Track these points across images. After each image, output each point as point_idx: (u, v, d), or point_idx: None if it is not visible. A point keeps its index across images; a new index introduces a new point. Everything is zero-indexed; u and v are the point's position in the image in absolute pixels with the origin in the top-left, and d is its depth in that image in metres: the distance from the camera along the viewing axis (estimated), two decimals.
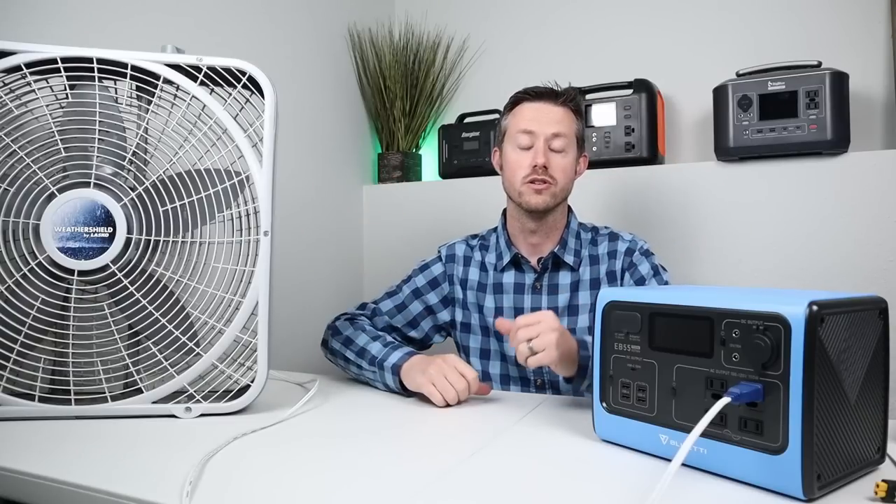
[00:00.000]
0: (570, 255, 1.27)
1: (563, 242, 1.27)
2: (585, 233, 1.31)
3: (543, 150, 1.20)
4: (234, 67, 0.96)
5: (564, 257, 1.26)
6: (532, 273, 1.28)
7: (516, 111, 1.25)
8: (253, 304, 0.93)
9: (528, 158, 1.21)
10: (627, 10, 1.87)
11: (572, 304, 1.25)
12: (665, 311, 0.71)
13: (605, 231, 1.31)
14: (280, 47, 1.69)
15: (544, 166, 1.20)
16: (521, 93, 1.26)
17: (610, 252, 1.27)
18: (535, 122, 1.22)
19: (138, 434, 0.84)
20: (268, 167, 0.95)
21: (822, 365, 0.60)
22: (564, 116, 1.23)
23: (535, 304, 1.27)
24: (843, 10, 1.62)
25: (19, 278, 0.89)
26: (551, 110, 1.22)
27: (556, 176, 1.21)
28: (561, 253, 1.26)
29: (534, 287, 1.28)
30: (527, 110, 1.24)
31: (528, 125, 1.22)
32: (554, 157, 1.22)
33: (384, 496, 0.63)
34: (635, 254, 1.25)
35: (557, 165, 1.22)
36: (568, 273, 1.27)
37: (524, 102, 1.25)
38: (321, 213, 1.84)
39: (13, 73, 0.91)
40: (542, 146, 1.20)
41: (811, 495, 0.59)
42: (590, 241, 1.30)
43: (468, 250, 1.35)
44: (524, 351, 0.95)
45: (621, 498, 0.63)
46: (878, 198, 1.42)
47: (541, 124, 1.21)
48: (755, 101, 1.48)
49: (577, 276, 1.27)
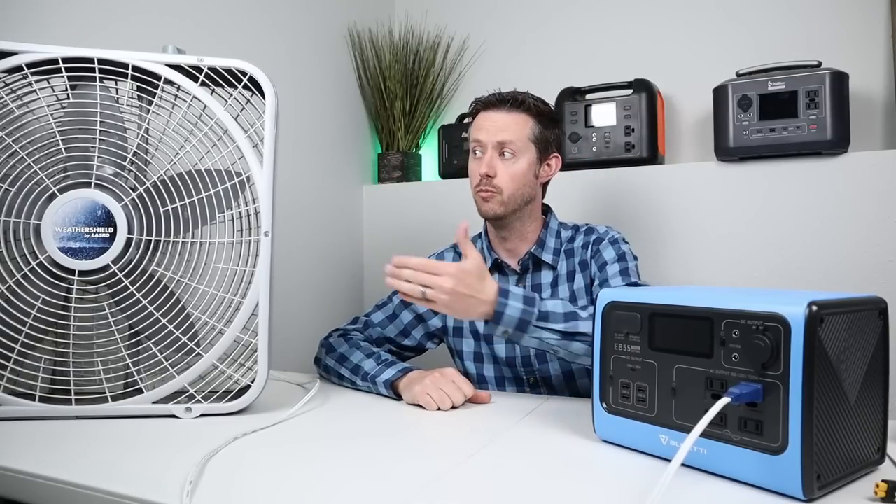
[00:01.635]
0: (548, 253, 1.28)
1: (541, 242, 1.29)
2: (566, 231, 1.32)
3: (488, 159, 1.22)
4: (235, 68, 0.96)
5: (543, 256, 1.27)
6: (514, 275, 1.30)
7: (475, 121, 1.28)
8: (253, 304, 0.93)
9: (477, 167, 1.24)
10: (627, 11, 1.87)
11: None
12: (665, 312, 0.71)
13: (584, 227, 1.33)
14: (280, 48, 1.69)
15: (488, 175, 1.21)
16: (474, 102, 1.29)
17: (584, 244, 1.29)
18: (483, 131, 1.24)
19: (138, 434, 0.84)
20: (268, 168, 0.95)
21: (822, 365, 0.60)
22: (511, 122, 1.23)
23: None
24: (843, 10, 1.62)
25: (20, 278, 0.89)
26: (497, 118, 1.23)
27: (501, 184, 1.22)
28: (539, 252, 1.27)
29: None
30: (479, 119, 1.26)
31: (477, 134, 1.25)
32: (501, 165, 1.22)
33: (384, 496, 0.63)
34: (603, 242, 1.26)
35: (504, 173, 1.22)
36: (550, 272, 1.28)
37: (479, 112, 1.27)
38: (321, 213, 1.84)
39: (14, 73, 0.91)
40: (489, 155, 1.22)
41: (811, 495, 0.59)
42: (569, 238, 1.31)
43: (456, 257, 1.35)
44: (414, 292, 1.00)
45: (621, 498, 0.63)
46: (878, 198, 1.42)
47: (488, 133, 1.23)
48: (755, 101, 1.48)
49: (556, 273, 1.28)
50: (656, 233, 1.63)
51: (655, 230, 1.63)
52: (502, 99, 1.25)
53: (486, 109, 1.26)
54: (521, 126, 1.24)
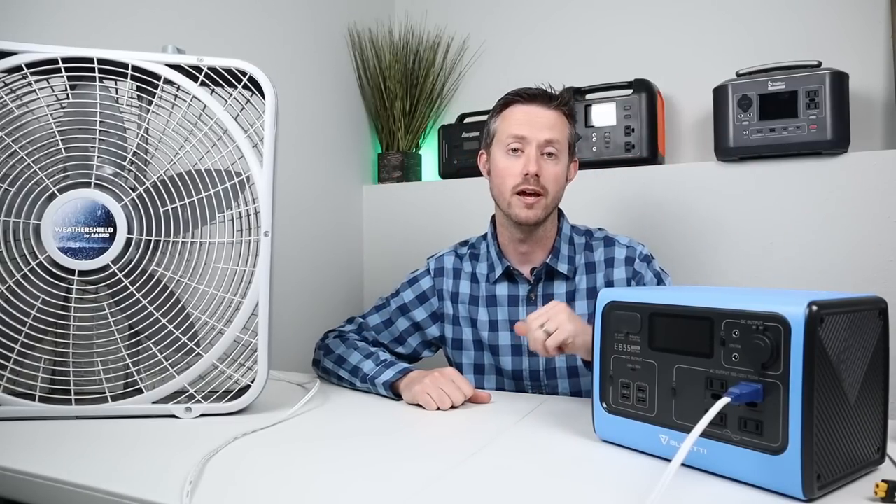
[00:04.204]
0: (563, 263, 1.21)
1: (556, 251, 1.21)
2: (579, 237, 1.25)
3: (536, 157, 1.13)
4: (235, 68, 0.96)
5: (558, 266, 1.20)
6: (526, 284, 1.23)
7: (507, 114, 1.18)
8: (253, 304, 0.93)
9: (519, 165, 1.14)
10: (627, 10, 1.87)
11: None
12: (665, 312, 0.71)
13: (599, 235, 1.26)
14: (280, 47, 1.69)
15: (536, 175, 1.13)
16: (512, 94, 1.19)
17: (607, 260, 1.21)
18: (528, 127, 1.15)
19: (138, 434, 0.84)
20: (268, 167, 0.95)
21: (822, 365, 0.60)
22: (558, 121, 1.16)
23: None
24: (843, 10, 1.62)
25: (20, 278, 0.89)
26: (545, 114, 1.16)
27: (548, 186, 1.15)
28: (554, 263, 1.20)
29: (528, 298, 1.22)
30: (518, 113, 1.16)
31: (519, 129, 1.15)
32: (546, 165, 1.15)
33: (384, 496, 0.63)
34: (636, 262, 1.20)
35: (549, 174, 1.15)
36: (563, 282, 1.21)
37: (516, 104, 1.18)
38: (321, 213, 1.84)
39: (14, 73, 0.91)
40: (535, 153, 1.14)
41: (811, 495, 0.59)
42: (584, 246, 1.24)
43: (457, 261, 1.29)
44: (540, 336, 0.93)
45: (621, 498, 0.63)
46: (878, 198, 1.42)
47: (533, 129, 1.14)
48: (755, 101, 1.48)
49: (573, 286, 1.21)
50: (656, 233, 1.63)
51: (655, 230, 1.63)
52: (550, 95, 1.17)
53: (529, 103, 1.16)
54: (564, 126, 1.18)
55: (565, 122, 1.19)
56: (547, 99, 1.17)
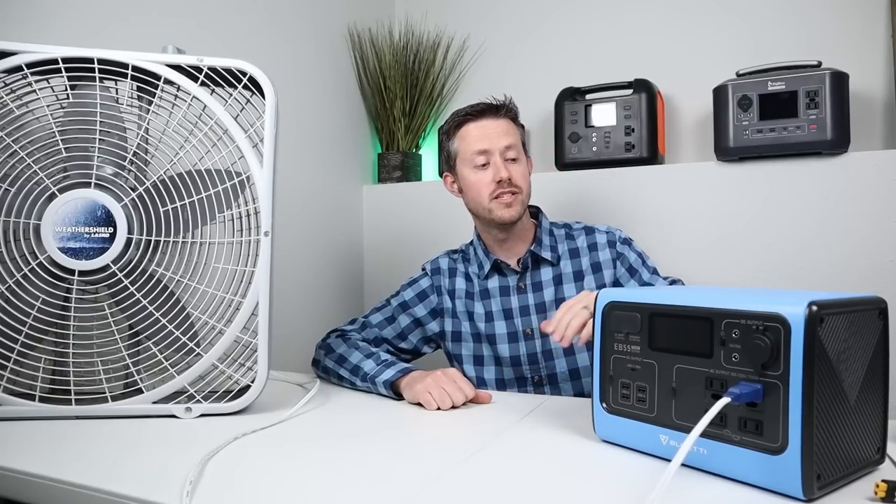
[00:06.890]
0: (546, 251, 1.30)
1: (538, 241, 1.30)
2: (558, 229, 1.34)
3: (502, 163, 1.23)
4: (235, 68, 0.96)
5: (542, 253, 1.29)
6: (514, 274, 1.31)
7: (463, 133, 1.27)
8: (253, 304, 0.93)
9: (489, 175, 1.24)
10: (627, 10, 1.87)
11: (559, 297, 1.27)
12: (665, 312, 0.71)
13: (578, 226, 1.35)
14: (280, 47, 1.69)
15: (509, 179, 1.23)
16: (461, 114, 1.28)
17: (590, 245, 1.30)
18: (486, 140, 1.24)
19: (138, 434, 0.84)
20: (268, 168, 0.95)
21: (822, 365, 0.60)
22: (509, 127, 1.27)
23: (523, 303, 1.29)
24: (843, 10, 1.62)
25: (20, 278, 0.89)
26: (496, 124, 1.25)
27: (520, 183, 1.25)
28: (538, 250, 1.29)
29: (518, 287, 1.30)
30: (474, 130, 1.26)
31: (480, 144, 1.24)
32: (512, 167, 1.25)
33: (384, 496, 0.63)
34: (617, 244, 1.29)
35: (517, 174, 1.25)
36: (549, 268, 1.30)
37: (468, 123, 1.27)
38: (321, 213, 1.84)
39: (14, 73, 0.91)
40: (500, 160, 1.24)
41: (811, 495, 0.59)
42: (565, 236, 1.33)
43: (451, 262, 1.37)
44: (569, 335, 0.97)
45: (621, 498, 0.63)
46: (878, 198, 1.42)
47: (492, 140, 1.24)
48: (755, 101, 1.48)
49: (558, 270, 1.30)
50: (656, 233, 1.63)
51: (655, 230, 1.63)
52: (496, 106, 1.27)
53: (480, 118, 1.27)
54: (514, 130, 1.29)
55: (514, 126, 1.29)
56: (494, 110, 1.27)
